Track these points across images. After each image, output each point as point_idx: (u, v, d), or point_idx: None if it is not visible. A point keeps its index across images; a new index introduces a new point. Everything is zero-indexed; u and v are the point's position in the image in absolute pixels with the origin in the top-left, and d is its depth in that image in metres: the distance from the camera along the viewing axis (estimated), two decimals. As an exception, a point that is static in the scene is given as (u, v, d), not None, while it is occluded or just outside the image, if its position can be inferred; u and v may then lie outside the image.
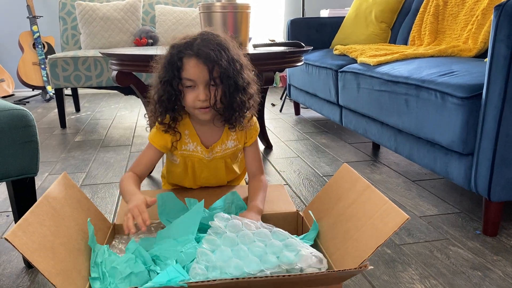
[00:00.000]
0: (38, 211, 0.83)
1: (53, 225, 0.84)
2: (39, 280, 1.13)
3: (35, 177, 1.21)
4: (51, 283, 0.71)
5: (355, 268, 0.76)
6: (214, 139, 1.09)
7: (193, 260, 0.87)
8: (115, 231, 1.07)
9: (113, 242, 1.02)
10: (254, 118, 1.12)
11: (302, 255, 0.85)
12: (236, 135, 1.10)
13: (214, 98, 0.96)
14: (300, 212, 1.11)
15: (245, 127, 1.07)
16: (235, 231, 0.91)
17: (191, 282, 0.71)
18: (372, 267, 0.76)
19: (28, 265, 1.20)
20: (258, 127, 1.15)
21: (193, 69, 0.94)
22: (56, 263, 0.77)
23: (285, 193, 1.21)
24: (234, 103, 0.98)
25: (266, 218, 1.09)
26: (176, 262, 0.86)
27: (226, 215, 0.96)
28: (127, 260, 0.85)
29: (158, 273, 0.83)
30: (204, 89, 0.96)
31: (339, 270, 0.75)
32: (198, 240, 0.94)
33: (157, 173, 1.90)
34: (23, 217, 0.78)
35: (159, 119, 1.04)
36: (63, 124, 2.92)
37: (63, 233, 0.85)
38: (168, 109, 1.01)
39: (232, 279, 0.72)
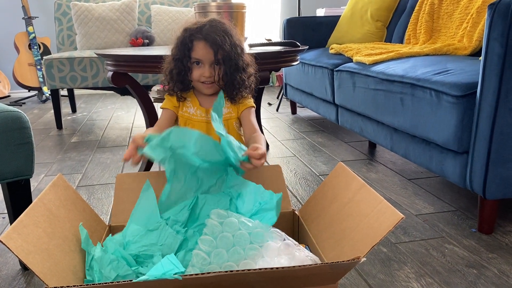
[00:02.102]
0: (33, 213, 0.82)
1: (48, 227, 0.83)
2: (35, 282, 1.13)
3: (31, 179, 1.21)
4: (46, 285, 0.71)
5: (348, 260, 0.76)
6: (211, 104, 1.21)
7: (178, 248, 0.89)
8: (111, 233, 1.07)
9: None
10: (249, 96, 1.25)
11: (298, 259, 0.85)
12: (230, 105, 1.22)
13: (218, 76, 1.13)
14: (296, 212, 1.11)
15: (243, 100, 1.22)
16: (231, 230, 0.91)
17: (186, 275, 0.71)
18: (365, 259, 0.77)
19: (24, 267, 1.19)
20: (253, 103, 1.24)
21: (201, 51, 1.11)
22: (51, 265, 0.77)
23: (282, 181, 1.18)
24: (235, 80, 1.14)
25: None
26: (162, 257, 0.87)
27: (223, 212, 0.96)
28: (110, 262, 0.85)
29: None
30: (209, 67, 1.12)
31: (332, 262, 0.75)
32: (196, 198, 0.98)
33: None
34: (18, 219, 0.78)
35: (167, 89, 1.21)
36: (59, 125, 2.91)
37: (59, 235, 0.85)
38: (177, 82, 1.17)
39: (227, 271, 0.72)
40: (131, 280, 0.71)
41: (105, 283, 0.71)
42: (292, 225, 1.13)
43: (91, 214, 1.02)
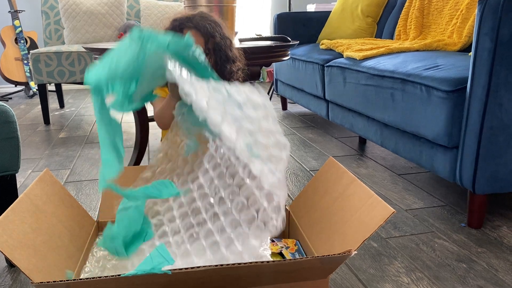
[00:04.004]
0: (19, 208, 0.81)
1: (34, 222, 0.82)
2: (22, 279, 1.11)
3: (18, 174, 1.19)
4: (32, 281, 0.70)
5: (339, 254, 0.75)
6: None
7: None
8: (99, 228, 1.06)
9: (97, 239, 1.01)
10: None
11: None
12: None
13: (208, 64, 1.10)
14: (286, 207, 1.11)
15: None
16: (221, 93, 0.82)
17: (175, 269, 0.70)
18: (356, 252, 0.76)
19: (10, 264, 1.17)
20: None
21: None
22: (37, 261, 0.76)
23: None
24: (225, 71, 1.14)
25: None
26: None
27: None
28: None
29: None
30: None
31: (323, 256, 0.75)
32: None
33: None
34: (3, 214, 0.76)
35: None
36: (46, 120, 2.87)
37: (45, 231, 0.84)
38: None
39: (217, 265, 0.71)
40: (119, 275, 0.70)
41: (92, 278, 0.69)
42: (282, 220, 1.12)
43: (78, 209, 1.00)
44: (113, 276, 0.70)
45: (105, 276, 0.70)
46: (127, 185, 1.07)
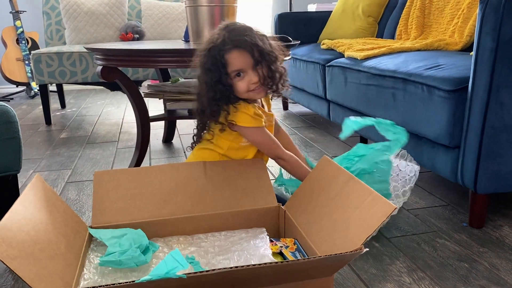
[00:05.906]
0: (15, 216, 0.79)
1: (31, 230, 0.80)
2: (23, 279, 1.11)
3: (20, 175, 1.19)
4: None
5: (350, 252, 0.75)
6: (263, 107, 1.22)
7: None
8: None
9: (91, 246, 1.00)
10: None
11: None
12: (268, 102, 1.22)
13: (263, 74, 1.06)
14: (281, 206, 1.10)
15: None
16: None
17: (190, 273, 0.70)
18: (367, 249, 0.76)
19: (12, 264, 1.17)
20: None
21: (237, 60, 1.03)
22: (38, 269, 0.74)
23: (266, 175, 1.14)
24: (277, 72, 1.09)
25: (245, 215, 1.07)
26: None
27: None
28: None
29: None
30: (253, 72, 1.06)
31: (335, 254, 0.74)
32: None
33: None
34: (0, 223, 0.75)
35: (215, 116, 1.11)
36: (48, 120, 2.87)
37: (42, 238, 0.82)
38: (224, 104, 1.08)
39: (231, 267, 0.71)
40: (134, 281, 0.69)
41: (106, 285, 0.68)
42: (277, 220, 1.11)
43: (72, 215, 0.98)
44: (127, 282, 0.69)
45: (118, 283, 0.69)
46: (127, 186, 1.06)
